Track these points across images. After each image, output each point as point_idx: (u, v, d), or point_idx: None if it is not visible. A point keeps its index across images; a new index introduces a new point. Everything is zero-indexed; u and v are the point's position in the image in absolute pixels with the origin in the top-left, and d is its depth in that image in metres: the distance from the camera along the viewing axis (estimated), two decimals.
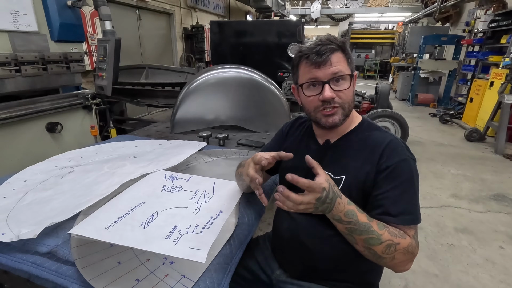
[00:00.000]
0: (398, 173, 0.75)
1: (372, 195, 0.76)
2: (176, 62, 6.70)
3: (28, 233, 0.74)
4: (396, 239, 0.70)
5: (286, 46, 2.89)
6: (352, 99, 0.82)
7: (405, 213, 0.73)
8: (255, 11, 9.91)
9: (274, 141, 1.07)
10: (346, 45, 0.81)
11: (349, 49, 0.82)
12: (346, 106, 0.80)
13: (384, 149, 0.77)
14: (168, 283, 0.63)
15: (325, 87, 0.78)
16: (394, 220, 0.73)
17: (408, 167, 0.76)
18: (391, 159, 0.76)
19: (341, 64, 0.78)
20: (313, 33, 16.63)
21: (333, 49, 0.77)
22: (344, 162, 0.82)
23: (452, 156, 3.88)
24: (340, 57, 0.78)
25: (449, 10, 7.68)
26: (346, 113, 0.81)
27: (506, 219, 2.44)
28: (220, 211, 0.91)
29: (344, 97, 0.79)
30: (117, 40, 2.24)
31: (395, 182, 0.74)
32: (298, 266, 0.90)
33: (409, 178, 0.75)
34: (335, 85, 0.78)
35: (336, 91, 0.78)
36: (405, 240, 0.71)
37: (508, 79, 4.00)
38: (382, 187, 0.75)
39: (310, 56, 0.78)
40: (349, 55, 0.81)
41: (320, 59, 0.77)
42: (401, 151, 0.77)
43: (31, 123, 1.97)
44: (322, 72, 0.78)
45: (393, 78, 10.38)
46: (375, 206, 0.75)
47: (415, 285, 1.72)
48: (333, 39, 0.79)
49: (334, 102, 0.79)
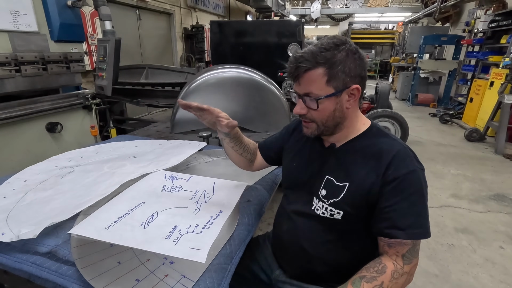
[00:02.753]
0: (406, 185, 0.71)
1: (379, 208, 0.73)
2: (176, 62, 6.70)
3: (28, 233, 0.74)
4: (377, 281, 0.68)
5: (286, 46, 2.89)
6: (328, 117, 0.76)
7: (413, 227, 0.70)
8: (255, 11, 9.91)
9: (279, 134, 1.06)
10: (337, 58, 0.71)
11: (345, 60, 0.72)
12: (319, 123, 0.78)
13: (392, 159, 0.73)
14: (168, 283, 0.63)
15: (298, 101, 0.78)
16: (402, 234, 0.69)
17: (417, 178, 0.72)
18: (399, 170, 0.72)
19: (316, 84, 0.73)
20: (313, 33, 16.61)
21: (307, 68, 0.72)
22: (348, 168, 0.79)
23: (452, 156, 3.88)
24: (319, 75, 0.72)
25: (449, 10, 7.68)
26: (321, 129, 0.79)
27: (506, 219, 2.43)
28: (220, 211, 0.91)
29: (315, 114, 0.77)
30: (117, 40, 2.24)
31: (403, 194, 0.71)
32: (297, 268, 0.90)
33: (418, 190, 0.72)
34: (308, 102, 0.76)
35: (308, 108, 0.77)
36: (386, 274, 0.69)
37: (508, 79, 4.00)
38: (390, 199, 0.71)
39: (289, 68, 0.76)
40: (341, 67, 0.71)
41: (293, 76, 0.76)
42: (410, 162, 0.73)
43: (31, 123, 1.97)
44: (297, 87, 0.77)
45: (393, 78, 10.37)
46: (382, 219, 0.72)
47: (415, 285, 1.72)
48: (317, 53, 0.71)
49: (305, 117, 0.79)
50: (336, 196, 0.78)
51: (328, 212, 0.79)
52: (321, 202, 0.80)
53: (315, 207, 0.82)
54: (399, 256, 0.71)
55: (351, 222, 0.78)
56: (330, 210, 0.78)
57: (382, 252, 0.75)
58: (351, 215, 0.76)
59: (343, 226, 0.79)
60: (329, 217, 0.79)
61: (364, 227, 0.78)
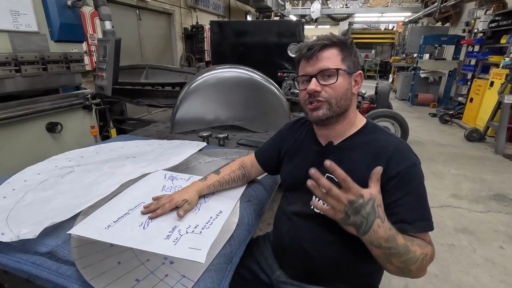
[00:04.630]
0: (409, 179, 0.72)
1: (385, 204, 0.71)
2: (176, 62, 6.70)
3: (28, 233, 0.74)
4: (424, 250, 0.68)
5: (286, 46, 2.89)
6: (343, 95, 0.79)
7: (421, 220, 0.71)
8: (255, 11, 9.91)
9: (272, 140, 1.06)
10: (347, 42, 0.80)
11: (352, 47, 0.81)
12: (333, 101, 0.78)
13: (392, 153, 0.74)
14: (168, 283, 0.63)
15: (311, 80, 0.79)
16: (410, 228, 0.70)
17: (417, 171, 0.74)
18: (400, 165, 0.73)
19: (331, 60, 0.77)
20: (313, 33, 16.60)
21: (324, 45, 0.77)
22: (348, 166, 0.77)
23: (452, 156, 3.88)
24: (333, 53, 0.78)
25: (449, 10, 7.68)
26: (334, 109, 0.79)
27: (506, 219, 2.43)
28: (220, 211, 0.91)
29: (330, 91, 0.78)
30: (117, 40, 2.24)
31: (408, 188, 0.72)
32: (299, 269, 0.89)
33: (420, 183, 0.74)
34: (324, 80, 0.78)
35: (323, 85, 0.78)
36: (429, 248, 0.70)
37: (508, 79, 4.00)
38: (395, 194, 0.72)
39: (303, 50, 0.80)
40: (350, 52, 0.80)
41: (309, 53, 0.78)
42: (409, 155, 0.75)
43: (31, 123, 1.97)
44: (311, 67, 0.79)
45: (393, 78, 10.38)
46: (388, 215, 0.71)
47: (415, 285, 1.72)
48: (331, 36, 0.79)
49: (319, 95, 0.78)
50: None
51: None
52: (321, 201, 0.80)
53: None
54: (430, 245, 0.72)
55: None
56: None
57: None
58: None
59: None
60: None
61: None
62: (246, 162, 1.08)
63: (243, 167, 1.06)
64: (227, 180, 1.02)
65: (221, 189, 1.02)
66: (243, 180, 1.07)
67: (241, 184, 1.07)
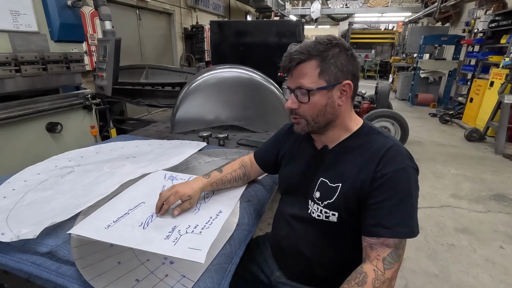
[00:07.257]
0: (394, 183, 0.70)
1: (367, 204, 0.72)
2: (176, 62, 6.70)
3: (28, 233, 0.74)
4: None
5: (286, 46, 2.86)
6: (319, 112, 0.76)
7: (399, 226, 0.68)
8: (255, 11, 9.91)
9: (271, 142, 1.06)
10: (329, 53, 0.72)
11: (335, 56, 0.72)
12: (309, 118, 0.77)
13: (382, 156, 0.72)
14: (168, 283, 0.63)
15: (290, 95, 0.78)
16: (387, 232, 0.68)
17: (406, 176, 0.70)
18: (387, 167, 0.71)
19: (307, 77, 0.73)
20: (313, 33, 16.61)
21: (300, 60, 0.73)
22: (341, 169, 0.78)
23: (452, 156, 3.88)
24: (311, 67, 0.73)
25: (449, 10, 7.67)
26: (312, 125, 0.78)
27: (506, 219, 2.43)
28: (220, 211, 0.91)
29: (305, 109, 0.76)
30: (117, 40, 2.24)
31: (391, 192, 0.69)
32: (297, 272, 0.90)
33: (406, 188, 0.70)
34: (300, 96, 0.75)
35: (300, 102, 0.76)
36: (367, 284, 0.66)
37: (508, 79, 4.00)
38: (377, 196, 0.70)
39: (285, 61, 0.77)
40: (333, 61, 0.72)
41: (286, 69, 0.77)
42: (400, 159, 0.71)
43: (31, 123, 1.97)
44: (290, 82, 0.78)
45: (393, 78, 10.37)
46: (368, 216, 0.71)
47: (415, 285, 1.72)
48: (310, 47, 0.72)
49: (296, 112, 0.78)
50: (330, 198, 0.77)
51: (323, 215, 0.78)
52: (316, 204, 0.80)
53: (311, 210, 0.82)
54: (379, 260, 0.68)
55: (347, 224, 0.77)
56: (325, 212, 0.78)
57: (364, 257, 0.72)
58: (346, 217, 0.76)
59: (339, 229, 0.78)
60: (325, 219, 0.78)
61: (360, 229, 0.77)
62: (246, 162, 1.08)
63: (244, 166, 1.06)
64: (229, 179, 1.02)
65: (222, 187, 1.02)
66: (244, 179, 1.07)
67: (242, 183, 1.08)
